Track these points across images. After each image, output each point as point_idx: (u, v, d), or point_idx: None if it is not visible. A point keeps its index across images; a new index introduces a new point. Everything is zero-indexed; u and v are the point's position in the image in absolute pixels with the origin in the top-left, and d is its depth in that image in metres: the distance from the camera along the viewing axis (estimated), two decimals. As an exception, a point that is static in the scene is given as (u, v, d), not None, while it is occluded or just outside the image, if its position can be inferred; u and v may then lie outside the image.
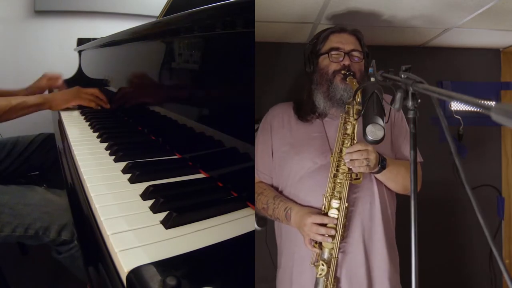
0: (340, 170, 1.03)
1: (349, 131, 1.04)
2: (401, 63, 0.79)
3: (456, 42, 1.82)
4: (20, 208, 1.19)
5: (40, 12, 2.69)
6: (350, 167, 1.01)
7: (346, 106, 1.05)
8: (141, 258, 0.56)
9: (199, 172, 0.96)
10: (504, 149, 1.97)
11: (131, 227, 0.66)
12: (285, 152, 1.15)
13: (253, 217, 0.75)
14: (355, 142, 1.03)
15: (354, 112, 1.03)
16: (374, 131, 0.86)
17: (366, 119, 0.88)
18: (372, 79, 0.92)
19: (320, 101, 1.14)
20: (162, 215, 0.70)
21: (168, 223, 0.66)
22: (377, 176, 1.07)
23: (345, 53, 1.12)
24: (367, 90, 0.90)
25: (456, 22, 1.54)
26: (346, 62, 1.11)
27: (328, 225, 1.01)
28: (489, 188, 1.94)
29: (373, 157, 0.99)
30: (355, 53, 1.13)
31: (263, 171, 1.20)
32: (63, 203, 1.22)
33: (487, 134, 1.94)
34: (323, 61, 1.15)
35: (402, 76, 0.77)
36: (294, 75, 1.84)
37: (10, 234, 1.16)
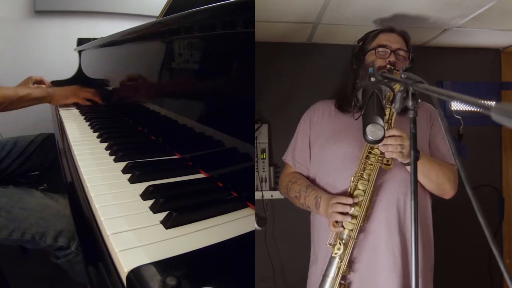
0: (372, 153, 1.05)
1: (386, 116, 1.03)
2: (401, 63, 0.79)
3: (456, 42, 1.82)
4: (17, 212, 1.18)
5: (40, 12, 2.69)
6: (384, 151, 1.02)
7: (388, 93, 1.05)
8: (141, 258, 0.56)
9: (199, 172, 0.96)
10: (504, 149, 1.97)
11: (131, 227, 0.66)
12: (324, 141, 1.19)
13: (253, 217, 0.75)
14: (391, 127, 1.03)
15: (392, 99, 1.03)
16: (374, 131, 0.86)
17: (366, 119, 0.88)
18: (372, 79, 0.92)
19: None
20: (162, 215, 0.70)
21: (168, 223, 0.66)
22: (409, 169, 1.06)
23: (391, 51, 1.16)
24: (367, 90, 0.90)
25: (456, 22, 1.55)
26: (392, 58, 1.15)
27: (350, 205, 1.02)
28: (489, 188, 1.94)
29: (407, 144, 0.99)
30: (401, 52, 1.16)
31: (300, 162, 1.24)
32: (60, 209, 1.22)
33: (487, 134, 1.94)
34: (370, 57, 1.19)
35: (402, 76, 0.77)
36: (294, 75, 1.84)
37: (7, 238, 1.16)
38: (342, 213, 1.02)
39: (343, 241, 1.02)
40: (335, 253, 1.01)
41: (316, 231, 1.20)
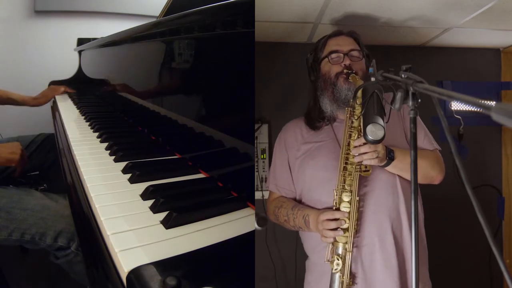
0: (349, 163, 1.04)
1: (355, 124, 1.04)
2: (401, 63, 0.79)
3: (456, 42, 1.82)
4: (17, 213, 1.18)
5: (40, 12, 2.69)
6: (360, 160, 1.01)
7: (350, 101, 1.06)
8: (141, 258, 0.56)
9: (199, 172, 0.96)
10: (504, 149, 1.97)
11: (131, 227, 0.66)
12: (301, 160, 1.18)
13: (253, 217, 0.75)
14: (361, 135, 1.01)
15: (359, 105, 1.03)
16: (374, 131, 0.86)
17: (366, 119, 0.88)
18: (372, 79, 0.92)
19: (327, 105, 1.15)
20: (162, 215, 0.70)
21: (168, 223, 0.66)
22: (389, 168, 1.06)
23: (344, 54, 1.14)
24: (367, 90, 0.90)
25: (456, 22, 1.55)
26: (347, 62, 1.13)
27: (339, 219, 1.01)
28: (489, 188, 1.94)
29: (380, 148, 1.00)
30: (354, 53, 1.14)
31: (283, 186, 1.22)
32: (59, 209, 1.23)
33: (487, 134, 1.94)
34: (325, 66, 1.17)
35: (403, 76, 0.77)
36: (294, 75, 1.84)
37: (6, 238, 1.16)
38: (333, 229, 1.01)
39: (340, 255, 1.01)
40: (335, 269, 1.00)
41: (307, 243, 1.19)
